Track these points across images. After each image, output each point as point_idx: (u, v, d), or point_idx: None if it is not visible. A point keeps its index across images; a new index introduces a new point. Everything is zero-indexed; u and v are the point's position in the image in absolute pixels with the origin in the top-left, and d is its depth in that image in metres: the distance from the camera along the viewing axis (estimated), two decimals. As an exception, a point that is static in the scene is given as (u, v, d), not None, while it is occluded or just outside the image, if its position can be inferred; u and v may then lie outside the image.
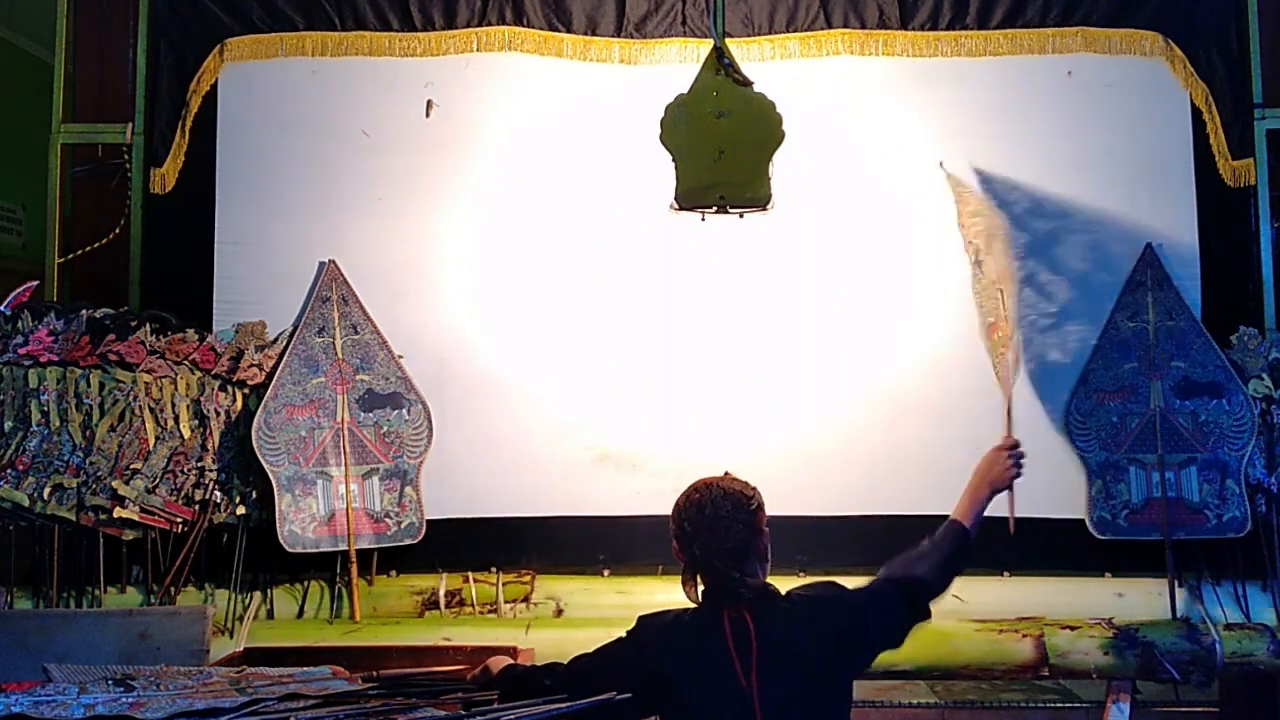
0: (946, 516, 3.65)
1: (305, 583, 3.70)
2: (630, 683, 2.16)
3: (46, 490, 3.49)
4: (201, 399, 3.64)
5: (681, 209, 3.09)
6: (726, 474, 2.47)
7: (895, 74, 3.86)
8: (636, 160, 3.52)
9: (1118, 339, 3.69)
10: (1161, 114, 3.83)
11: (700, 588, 2.33)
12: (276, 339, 3.76)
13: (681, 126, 3.07)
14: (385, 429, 3.72)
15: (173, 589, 3.55)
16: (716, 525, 2.24)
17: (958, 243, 3.79)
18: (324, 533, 3.63)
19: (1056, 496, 3.67)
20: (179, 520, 3.55)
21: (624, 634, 2.33)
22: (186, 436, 3.61)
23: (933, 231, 3.80)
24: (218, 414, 3.64)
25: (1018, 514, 3.64)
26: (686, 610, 2.35)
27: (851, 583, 2.47)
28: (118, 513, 3.50)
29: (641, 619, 2.34)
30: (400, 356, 3.77)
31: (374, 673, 2.54)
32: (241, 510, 3.61)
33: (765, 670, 2.17)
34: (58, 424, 3.55)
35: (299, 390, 3.68)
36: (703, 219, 3.11)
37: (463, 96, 3.89)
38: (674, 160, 3.08)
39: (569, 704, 2.08)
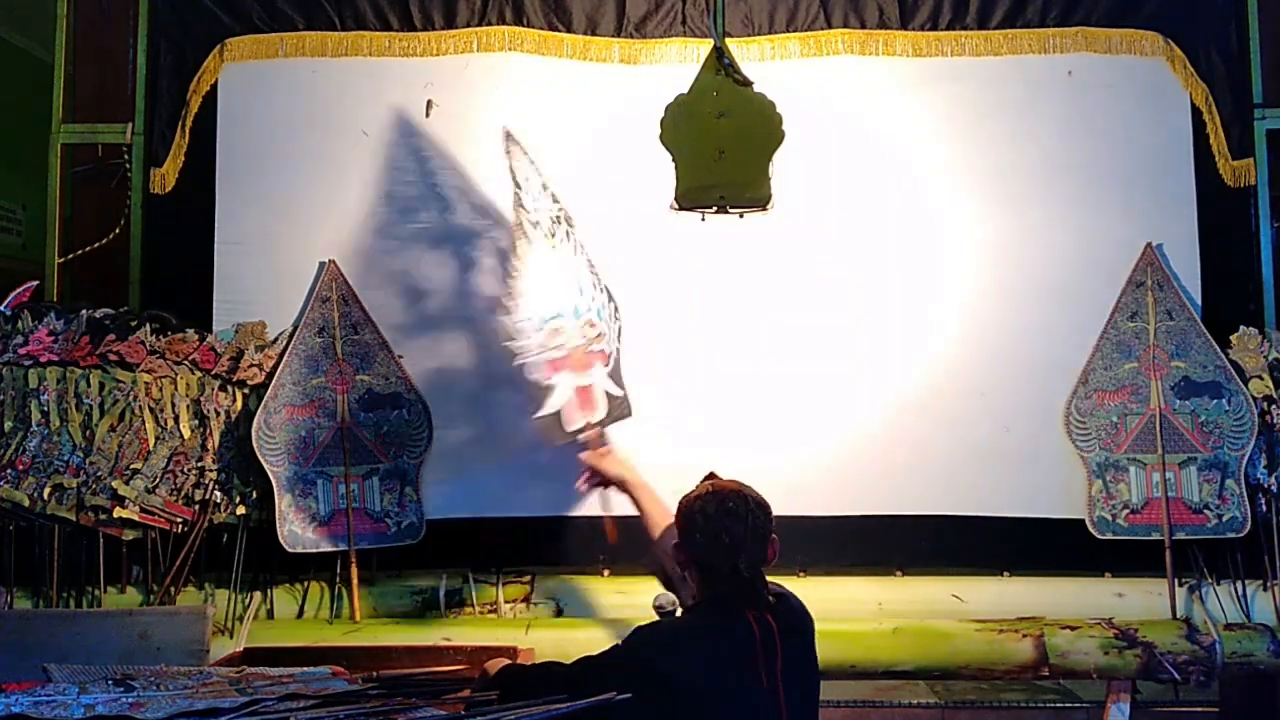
0: (945, 516, 3.70)
1: (305, 583, 3.69)
2: (633, 691, 2.16)
3: (46, 490, 3.49)
4: (201, 399, 3.63)
5: (681, 209, 3.08)
6: (712, 474, 2.48)
7: (895, 74, 3.86)
8: (636, 160, 3.52)
9: (1118, 339, 3.68)
10: (1161, 114, 3.82)
11: (707, 591, 2.34)
12: (276, 339, 3.76)
13: (681, 126, 3.06)
14: (385, 429, 3.72)
15: (173, 589, 3.55)
16: (757, 536, 2.30)
17: (958, 244, 3.82)
18: (324, 533, 3.62)
19: (1056, 496, 3.68)
20: (179, 520, 3.55)
21: (620, 644, 2.33)
22: (186, 436, 3.61)
23: (934, 233, 3.82)
24: (218, 414, 3.63)
25: (1018, 514, 3.71)
26: (686, 616, 2.35)
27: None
28: (118, 513, 3.50)
29: (639, 630, 2.34)
30: (400, 356, 3.77)
31: (374, 673, 2.55)
32: (241, 510, 3.61)
33: (786, 670, 2.23)
34: (58, 424, 3.55)
35: (299, 390, 3.68)
36: (703, 219, 3.10)
37: (463, 96, 3.88)
38: (674, 160, 3.07)
39: (569, 704, 2.09)
